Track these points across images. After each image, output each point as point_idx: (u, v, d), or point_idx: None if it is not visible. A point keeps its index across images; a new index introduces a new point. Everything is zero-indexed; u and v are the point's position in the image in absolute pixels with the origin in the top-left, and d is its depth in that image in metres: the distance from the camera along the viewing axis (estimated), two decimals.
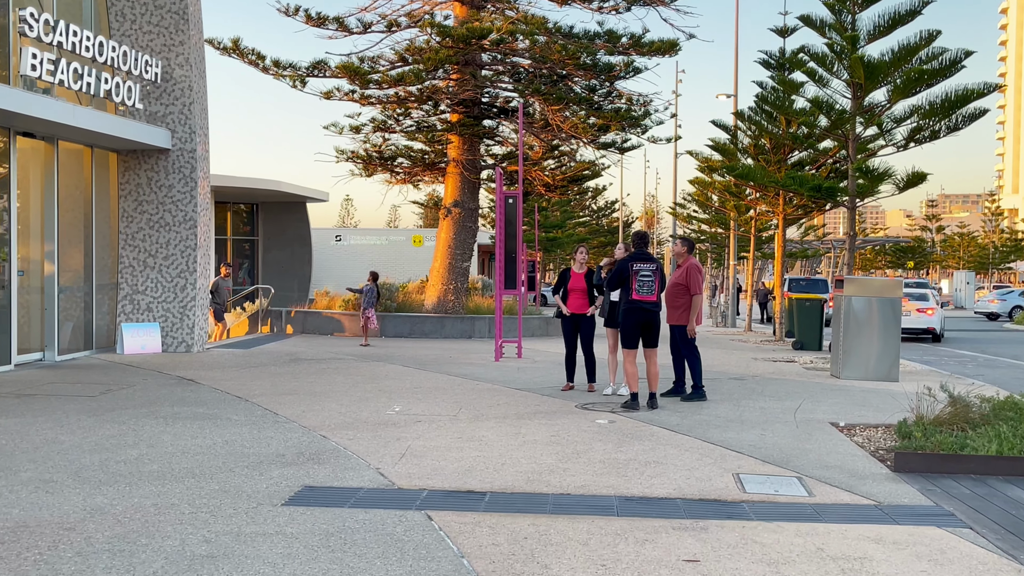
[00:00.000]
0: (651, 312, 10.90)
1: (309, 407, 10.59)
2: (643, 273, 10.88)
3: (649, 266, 10.89)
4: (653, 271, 10.88)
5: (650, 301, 10.90)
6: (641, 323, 10.92)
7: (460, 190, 22.89)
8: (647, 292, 10.86)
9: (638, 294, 10.87)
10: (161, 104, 16.20)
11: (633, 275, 10.91)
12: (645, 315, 10.90)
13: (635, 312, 10.91)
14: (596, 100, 22.91)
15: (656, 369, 11.06)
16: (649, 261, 10.92)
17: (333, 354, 16.68)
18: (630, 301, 10.93)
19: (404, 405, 10.81)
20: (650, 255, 11.03)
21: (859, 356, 14.36)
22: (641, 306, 10.88)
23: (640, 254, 11.02)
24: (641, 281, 10.87)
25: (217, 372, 13.71)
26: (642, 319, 10.91)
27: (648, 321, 10.93)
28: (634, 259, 10.98)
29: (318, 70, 21.76)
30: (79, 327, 15.69)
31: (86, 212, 15.77)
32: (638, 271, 10.90)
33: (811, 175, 18.57)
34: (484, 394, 11.84)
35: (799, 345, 20.14)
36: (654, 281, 10.87)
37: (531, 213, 40.01)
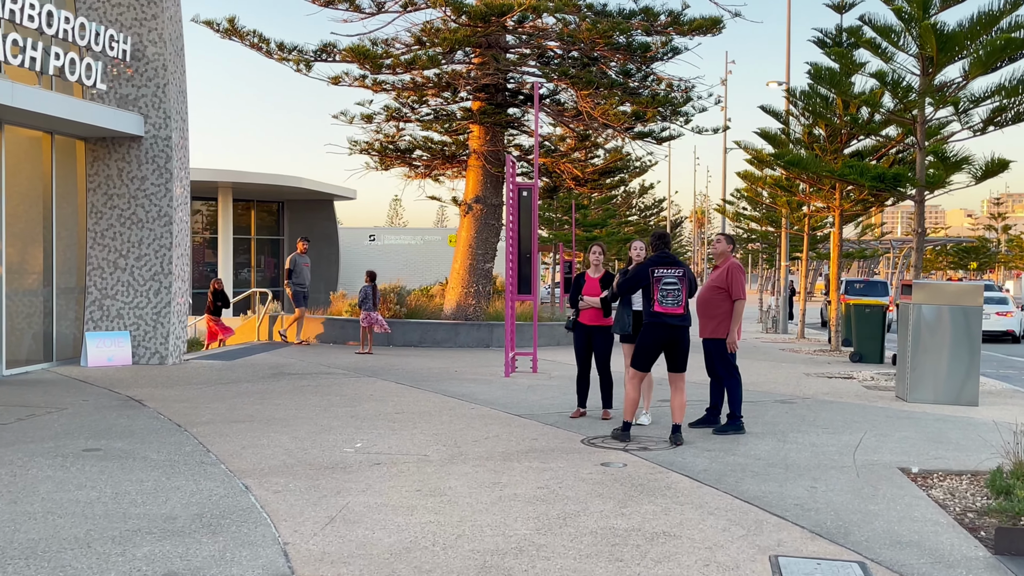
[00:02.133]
0: (678, 328, 8.83)
1: (254, 441, 8.67)
2: (667, 280, 8.80)
3: (674, 271, 8.82)
4: (679, 277, 8.80)
5: (676, 314, 8.82)
6: (664, 341, 8.88)
7: (482, 184, 20.90)
8: (672, 303, 8.78)
9: (661, 305, 8.81)
10: (132, 86, 14.43)
11: (655, 282, 8.85)
12: (670, 332, 8.84)
13: (657, 328, 8.87)
14: (631, 85, 20.79)
15: (683, 400, 8.97)
16: (674, 265, 8.85)
17: (325, 367, 14.78)
18: (652, 314, 8.90)
19: (370, 439, 8.85)
20: (674, 258, 8.95)
21: (930, 375, 12.11)
22: (665, 320, 8.82)
23: (663, 256, 8.95)
24: (665, 289, 8.80)
25: (176, 391, 11.88)
26: (665, 337, 8.85)
27: (673, 339, 8.86)
28: (655, 263, 8.92)
29: (326, 54, 19.91)
30: (37, 336, 13.97)
31: (45, 207, 14.05)
32: (660, 277, 8.83)
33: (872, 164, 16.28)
34: (475, 422, 9.83)
35: (857, 357, 17.85)
36: (680, 290, 8.79)
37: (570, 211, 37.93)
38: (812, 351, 20.66)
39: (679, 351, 8.91)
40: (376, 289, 17.47)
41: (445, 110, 21.74)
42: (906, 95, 14.46)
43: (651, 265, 8.92)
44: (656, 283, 8.85)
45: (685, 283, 8.83)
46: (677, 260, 8.91)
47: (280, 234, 36.44)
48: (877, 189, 15.05)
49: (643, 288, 8.97)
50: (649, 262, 8.99)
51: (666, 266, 8.86)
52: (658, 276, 8.85)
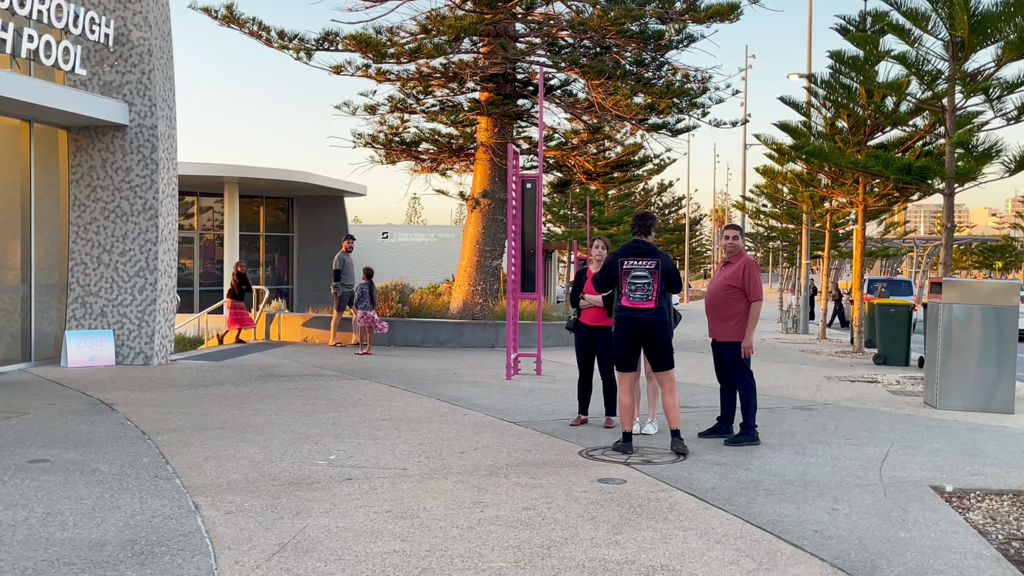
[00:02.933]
0: (648, 323, 8.06)
1: (219, 451, 7.93)
2: (636, 273, 8.04)
3: (644, 263, 8.05)
4: (650, 270, 8.01)
5: (645, 308, 8.04)
6: (635, 337, 8.12)
7: (490, 178, 20.12)
8: (641, 297, 8.02)
9: (628, 299, 8.06)
10: (116, 72, 13.73)
11: (623, 275, 8.11)
12: (639, 327, 8.09)
13: (625, 323, 8.13)
14: (645, 75, 19.95)
15: (673, 399, 8.16)
16: (645, 256, 8.09)
17: (318, 368, 14.04)
18: (619, 308, 8.17)
19: (348, 449, 8.08)
20: (648, 247, 8.18)
21: (962, 380, 11.23)
22: (633, 315, 8.07)
23: (634, 246, 8.19)
24: (633, 283, 8.04)
25: (153, 394, 11.16)
26: (635, 332, 8.11)
27: (644, 335, 8.09)
28: (625, 253, 8.16)
29: (328, 42, 19.18)
30: (15, 335, 13.30)
31: (24, 199, 13.37)
32: (629, 270, 8.08)
33: (897, 156, 15.38)
34: (466, 431, 9.05)
35: (881, 359, 16.95)
36: (651, 283, 8.00)
37: (584, 208, 37.10)
38: (833, 352, 19.77)
39: (655, 347, 8.11)
40: (373, 287, 16.73)
41: (451, 101, 20.96)
42: (935, 81, 13.55)
43: (620, 256, 8.16)
44: (624, 276, 8.10)
45: (658, 276, 8.02)
46: (650, 250, 8.13)
47: (290, 231, 35.78)
48: (903, 182, 14.16)
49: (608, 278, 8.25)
50: (619, 252, 8.23)
51: (636, 257, 8.09)
52: (627, 268, 8.09)
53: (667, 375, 8.15)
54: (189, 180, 29.68)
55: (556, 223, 42.89)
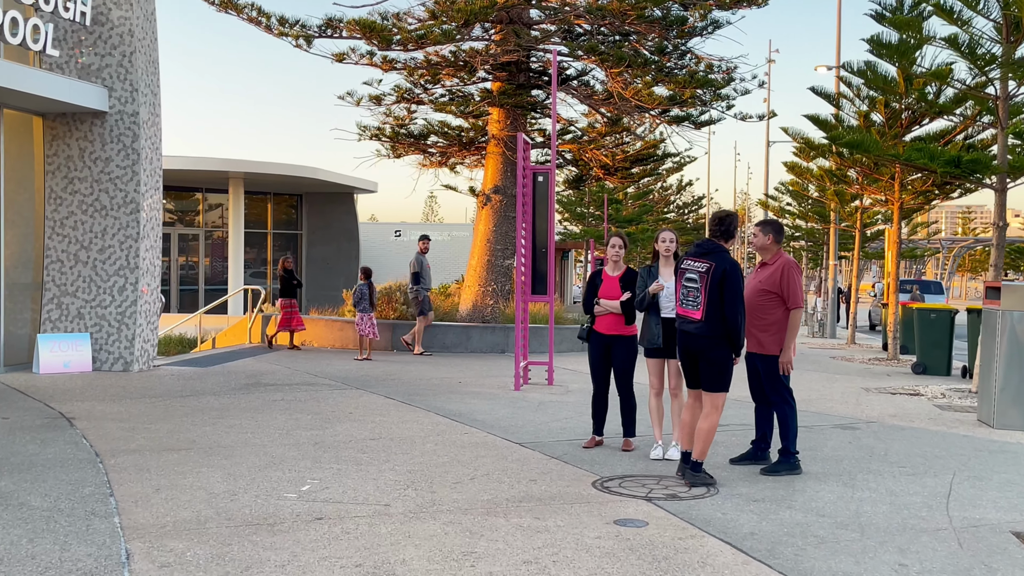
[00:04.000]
0: (693, 337, 6.96)
1: (176, 480, 6.84)
2: (689, 276, 6.99)
3: (697, 264, 6.94)
4: (700, 274, 6.88)
5: (692, 319, 6.95)
6: (685, 347, 7.11)
7: (502, 173, 19.01)
8: (690, 304, 6.96)
9: (681, 306, 7.08)
10: (95, 54, 12.70)
11: (679, 276, 7.10)
12: (685, 340, 7.08)
13: (679, 331, 7.20)
14: (667, 65, 18.78)
15: (710, 427, 6.99)
16: (701, 257, 6.96)
17: (311, 376, 12.96)
18: (677, 316, 7.21)
19: (325, 478, 6.98)
20: (708, 247, 7.03)
21: (1023, 396, 10.03)
22: (682, 325, 7.10)
23: (698, 244, 7.10)
24: (685, 287, 7.02)
25: (122, 405, 10.10)
26: (683, 344, 7.12)
27: (692, 347, 7.01)
28: (688, 254, 7.12)
29: (331, 28, 18.10)
30: None
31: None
32: (684, 271, 7.05)
33: (944, 148, 14.16)
34: (463, 454, 7.94)
35: (921, 368, 15.74)
36: (699, 288, 6.88)
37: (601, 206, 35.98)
38: (867, 360, 18.55)
39: (701, 363, 6.98)
40: (373, 288, 15.65)
41: (461, 91, 19.85)
42: (987, 66, 12.35)
43: (686, 256, 7.14)
44: (680, 277, 7.09)
45: (707, 281, 6.87)
46: (710, 249, 6.98)
47: (298, 228, 34.79)
48: (950, 176, 12.96)
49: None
50: (687, 252, 7.20)
51: (694, 257, 6.99)
52: (683, 268, 7.06)
53: (710, 398, 6.98)
54: (193, 175, 28.76)
55: (573, 221, 41.77)
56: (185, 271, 31.89)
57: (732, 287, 6.82)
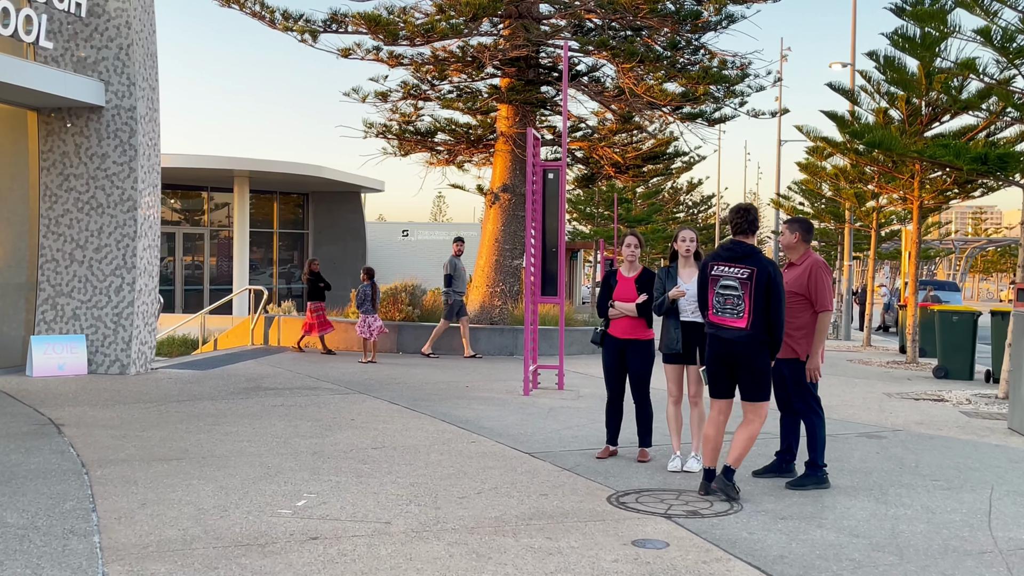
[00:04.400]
0: (735, 345, 6.47)
1: (163, 494, 6.43)
2: (725, 283, 6.47)
3: (735, 269, 6.45)
4: (741, 280, 6.41)
5: (734, 327, 6.46)
6: (721, 358, 6.59)
7: (511, 171, 18.58)
8: (730, 313, 6.43)
9: (716, 314, 6.52)
10: (91, 47, 12.30)
11: (710, 282, 6.54)
12: (725, 348, 6.54)
13: (712, 341, 6.66)
14: (680, 60, 18.33)
15: (750, 432, 6.56)
16: (738, 261, 6.48)
17: (313, 380, 12.54)
18: (707, 323, 6.67)
19: (323, 492, 6.56)
20: (744, 249, 6.55)
21: None
22: (720, 333, 6.54)
23: (728, 248, 6.59)
24: (721, 295, 6.48)
25: (115, 411, 9.69)
26: (721, 352, 6.58)
27: (732, 356, 6.52)
28: (717, 256, 6.59)
29: (336, 23, 17.71)
30: None
31: None
32: (717, 277, 6.50)
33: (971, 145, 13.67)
34: (470, 465, 7.50)
35: (942, 372, 15.25)
36: (742, 296, 6.41)
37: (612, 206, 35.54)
38: (885, 363, 18.06)
39: (745, 374, 6.53)
40: (376, 289, 15.22)
41: (469, 87, 19.42)
42: (1016, 58, 11.87)
43: (712, 259, 6.62)
44: (712, 284, 6.56)
45: (750, 288, 6.42)
46: (747, 252, 6.51)
47: (304, 228, 34.41)
48: (977, 173, 12.48)
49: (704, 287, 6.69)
50: (711, 255, 6.68)
51: (728, 262, 6.49)
52: (715, 275, 6.53)
53: (753, 408, 6.57)
54: (198, 174, 28.40)
55: (582, 221, 41.33)
56: (190, 271, 31.53)
57: (779, 292, 6.44)
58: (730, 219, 6.64)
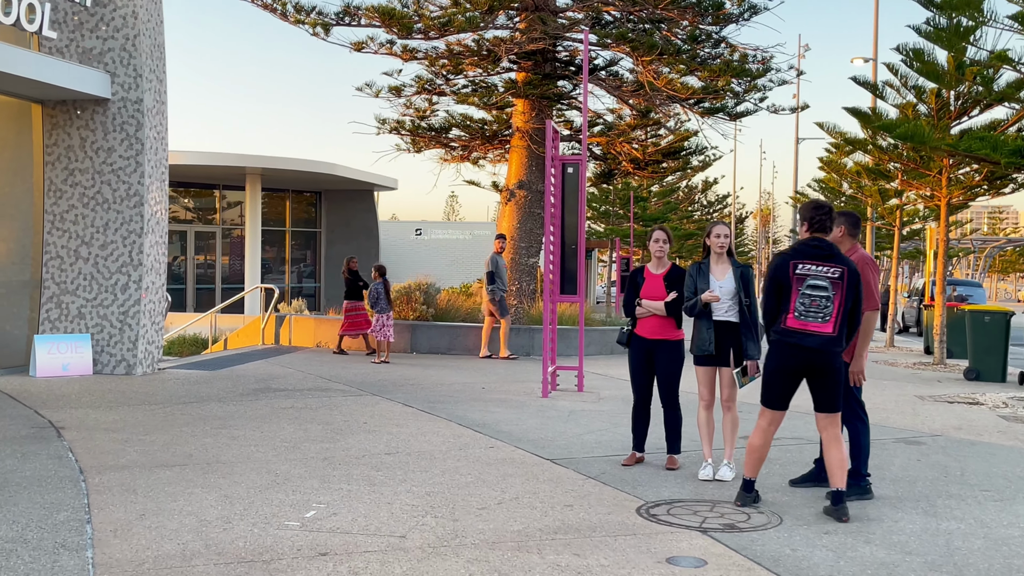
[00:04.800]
0: (821, 354, 5.97)
1: (164, 504, 6.04)
2: (814, 282, 5.95)
3: (826, 269, 5.96)
4: (833, 280, 5.94)
5: (820, 333, 5.95)
6: (798, 369, 6.02)
7: (527, 168, 18.18)
8: (816, 317, 5.93)
9: (798, 318, 5.95)
10: (97, 37, 11.95)
11: (795, 282, 5.99)
12: (807, 358, 5.97)
13: (787, 351, 6.01)
14: (700, 53, 17.89)
15: (841, 454, 6.06)
16: (828, 260, 5.98)
17: (324, 381, 12.15)
18: (781, 330, 6.03)
19: (333, 501, 6.16)
20: (831, 248, 6.07)
21: None
22: (802, 341, 5.95)
23: (814, 245, 6.05)
24: (809, 295, 5.95)
25: (118, 413, 9.32)
26: (800, 362, 5.99)
27: (813, 366, 5.99)
28: (800, 254, 6.03)
29: (348, 16, 17.36)
30: None
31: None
32: (804, 276, 5.97)
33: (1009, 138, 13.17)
34: (489, 472, 7.09)
35: (973, 374, 14.77)
36: (832, 299, 5.95)
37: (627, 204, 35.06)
38: (911, 364, 17.57)
39: (827, 384, 6.03)
40: (388, 286, 14.80)
41: (485, 82, 19.02)
42: None
43: (792, 257, 6.03)
44: (796, 284, 5.97)
45: (842, 290, 5.98)
46: (835, 252, 6.05)
47: (317, 226, 34.07)
48: (1015, 167, 12.00)
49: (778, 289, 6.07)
50: (789, 253, 6.11)
51: (816, 260, 5.97)
52: (800, 274, 5.97)
53: (832, 420, 6.10)
54: (210, 171, 28.09)
55: (596, 220, 40.87)
56: (202, 270, 31.23)
57: (862, 289, 6.06)
58: (807, 215, 6.12)
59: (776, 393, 6.11)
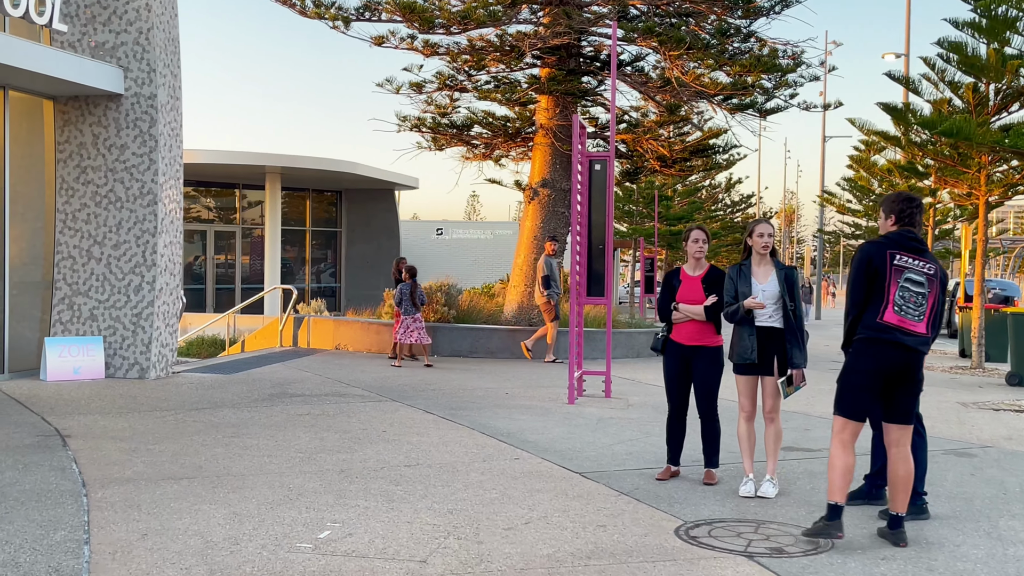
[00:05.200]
0: (914, 354, 5.47)
1: (168, 522, 5.64)
2: (912, 275, 5.45)
3: (923, 265, 5.47)
4: (929, 277, 5.47)
5: (916, 333, 5.44)
6: (891, 371, 5.46)
7: (550, 166, 17.71)
8: (913, 314, 5.43)
9: (898, 313, 5.43)
10: (109, 31, 11.61)
11: (893, 274, 5.46)
12: (903, 358, 5.45)
13: (883, 348, 5.44)
14: (730, 48, 17.37)
15: (909, 474, 5.54)
16: (924, 256, 5.50)
17: (343, 386, 11.76)
18: (875, 325, 5.45)
19: (349, 519, 5.74)
20: (923, 242, 5.59)
21: None
22: (897, 338, 5.42)
23: (910, 237, 5.55)
24: (908, 290, 5.44)
25: (128, 420, 8.95)
26: (894, 363, 5.45)
27: (905, 367, 5.47)
28: (897, 245, 5.51)
29: (368, 10, 16.95)
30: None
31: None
32: (903, 269, 5.46)
33: None
34: (514, 488, 6.65)
35: (1016, 380, 14.21)
36: (928, 295, 5.47)
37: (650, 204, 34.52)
38: (947, 368, 16.99)
39: (911, 388, 5.54)
40: (418, 287, 14.30)
41: (507, 78, 18.57)
42: None
43: (889, 247, 5.50)
44: (895, 276, 5.44)
45: (935, 288, 5.54)
46: (927, 248, 5.59)
47: (337, 226, 33.76)
48: None
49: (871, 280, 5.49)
50: (884, 242, 5.54)
51: (913, 254, 5.49)
52: (898, 266, 5.45)
53: (906, 432, 5.58)
54: (229, 170, 27.84)
55: (620, 219, 40.37)
56: (223, 270, 31.01)
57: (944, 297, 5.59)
58: (896, 207, 5.60)
59: (867, 400, 5.50)
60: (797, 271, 6.95)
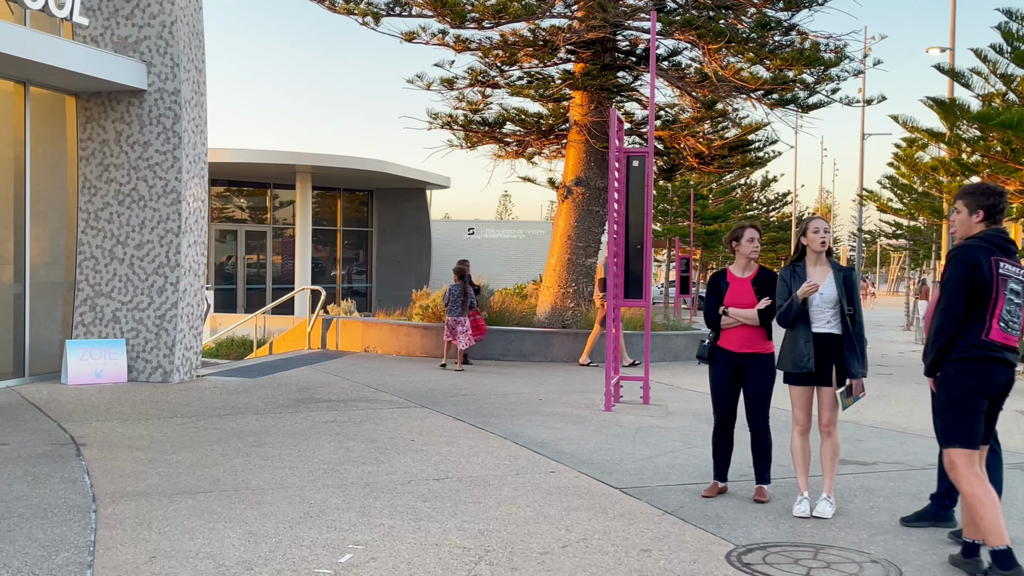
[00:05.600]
0: (1013, 371, 4.94)
1: (179, 542, 5.25)
2: (1014, 286, 4.87)
3: (1020, 272, 4.91)
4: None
5: (1016, 350, 4.88)
6: (996, 389, 4.92)
7: (584, 163, 17.24)
8: (1015, 328, 4.86)
9: (1004, 330, 4.83)
10: (132, 24, 11.29)
11: (998, 283, 4.85)
12: (1008, 376, 4.91)
13: (991, 366, 4.87)
14: (770, 41, 16.82)
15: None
16: (1016, 260, 4.95)
17: (371, 390, 11.36)
18: (981, 343, 4.85)
19: (372, 541, 5.33)
20: (1014, 243, 5.02)
21: None
22: (1003, 355, 4.86)
23: (1004, 239, 4.95)
24: (1012, 303, 4.86)
25: (146, 427, 8.61)
26: (1000, 382, 4.90)
27: (1007, 385, 4.94)
28: (996, 248, 4.91)
29: (399, 5, 16.59)
30: (5, 346, 10.95)
31: (17, 179, 11.01)
32: (1008, 276, 4.86)
33: None
34: (550, 505, 6.21)
35: None
36: (1021, 306, 4.92)
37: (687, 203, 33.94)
38: None
39: (999, 407, 5.04)
40: (465, 289, 13.81)
41: (541, 73, 18.12)
42: None
43: (995, 252, 4.87)
44: (1000, 286, 4.83)
45: None
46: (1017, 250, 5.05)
47: (369, 225, 33.48)
48: None
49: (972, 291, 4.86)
50: (989, 245, 4.89)
51: (1010, 258, 4.89)
52: (1004, 274, 4.84)
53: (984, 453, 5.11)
54: (260, 169, 27.63)
55: (654, 219, 39.85)
56: (254, 270, 30.83)
57: None
58: (986, 202, 4.96)
59: (978, 424, 4.89)
60: (855, 273, 6.45)
